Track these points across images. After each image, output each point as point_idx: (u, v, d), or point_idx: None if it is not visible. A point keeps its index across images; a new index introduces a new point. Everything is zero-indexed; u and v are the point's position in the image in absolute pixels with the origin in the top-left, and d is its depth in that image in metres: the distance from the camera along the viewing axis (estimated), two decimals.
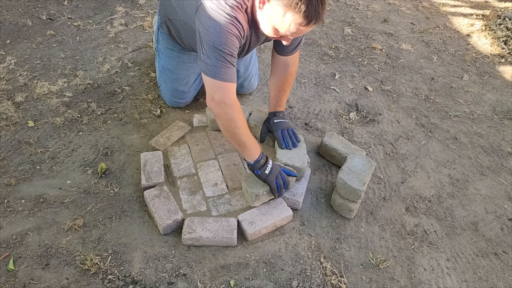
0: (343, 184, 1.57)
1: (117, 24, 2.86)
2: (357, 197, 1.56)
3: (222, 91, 1.45)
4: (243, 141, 1.52)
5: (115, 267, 1.42)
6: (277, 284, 1.40)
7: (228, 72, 1.44)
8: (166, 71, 2.00)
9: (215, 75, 1.43)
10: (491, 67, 2.76)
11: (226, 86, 1.45)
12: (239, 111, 1.49)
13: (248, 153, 1.54)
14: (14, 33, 2.72)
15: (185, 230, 1.49)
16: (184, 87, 2.03)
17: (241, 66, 2.07)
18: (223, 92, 1.45)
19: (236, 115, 1.48)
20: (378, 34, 3.05)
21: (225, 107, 1.46)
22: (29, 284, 1.35)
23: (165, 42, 1.96)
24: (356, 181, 1.56)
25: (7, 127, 1.98)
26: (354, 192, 1.55)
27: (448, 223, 1.68)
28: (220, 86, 1.44)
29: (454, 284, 1.46)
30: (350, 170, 1.61)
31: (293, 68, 1.80)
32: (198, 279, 1.40)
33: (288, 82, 1.81)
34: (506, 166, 1.98)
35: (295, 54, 1.75)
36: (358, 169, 1.61)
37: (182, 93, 2.05)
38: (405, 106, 2.32)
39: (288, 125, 1.81)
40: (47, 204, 1.62)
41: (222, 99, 1.45)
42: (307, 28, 1.34)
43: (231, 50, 1.42)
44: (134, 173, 1.77)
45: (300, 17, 1.28)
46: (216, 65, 1.42)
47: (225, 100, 1.46)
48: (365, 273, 1.47)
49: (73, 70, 2.39)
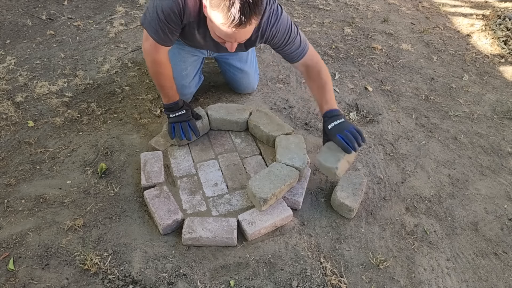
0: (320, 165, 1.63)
1: (117, 24, 2.86)
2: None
3: (150, 46, 1.64)
4: (161, 84, 1.75)
5: (115, 267, 1.42)
6: (277, 284, 1.40)
7: (161, 35, 1.59)
8: None
9: (148, 28, 1.59)
10: (491, 67, 2.76)
11: (154, 44, 1.62)
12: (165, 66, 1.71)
13: (163, 97, 1.78)
14: (14, 33, 2.72)
15: (185, 230, 1.49)
16: (184, 80, 2.01)
17: (236, 60, 2.09)
18: (151, 47, 1.64)
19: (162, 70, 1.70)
20: (378, 34, 3.05)
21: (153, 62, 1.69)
22: (29, 284, 1.35)
23: None
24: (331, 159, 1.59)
25: (7, 127, 1.98)
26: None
27: (448, 223, 1.68)
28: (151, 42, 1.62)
29: (454, 284, 1.46)
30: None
31: (318, 64, 1.72)
32: (198, 279, 1.40)
33: (324, 80, 1.71)
34: (506, 166, 1.98)
35: (305, 57, 1.70)
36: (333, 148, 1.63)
37: (182, 87, 2.02)
38: (405, 106, 2.32)
39: (346, 125, 1.61)
40: (47, 204, 1.62)
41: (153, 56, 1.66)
42: (232, 28, 1.33)
43: (167, 21, 1.54)
44: (134, 173, 1.77)
45: (223, 17, 1.30)
46: (151, 24, 1.57)
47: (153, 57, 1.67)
48: (365, 273, 1.47)
49: (73, 70, 2.39)
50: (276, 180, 1.58)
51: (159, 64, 1.71)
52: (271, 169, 1.64)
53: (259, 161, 1.83)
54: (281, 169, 1.64)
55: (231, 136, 1.96)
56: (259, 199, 1.52)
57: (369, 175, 1.85)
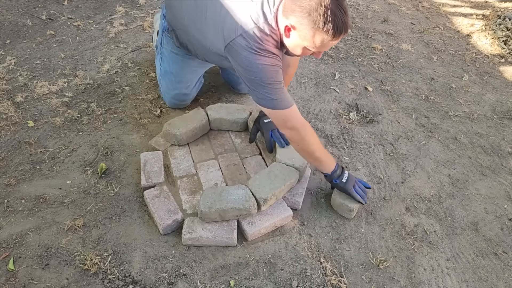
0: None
1: (117, 24, 2.86)
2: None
3: (288, 118, 1.49)
4: (318, 156, 1.57)
5: (115, 267, 1.42)
6: (277, 284, 1.40)
7: (284, 99, 1.47)
8: (169, 75, 1.99)
9: (275, 107, 1.47)
10: (491, 67, 2.76)
11: (289, 112, 1.49)
12: (309, 130, 1.54)
13: (324, 166, 1.61)
14: (14, 33, 2.72)
15: (185, 230, 1.49)
16: (187, 89, 2.02)
17: None
18: (290, 118, 1.50)
19: (308, 135, 1.53)
20: (378, 34, 3.05)
21: (298, 131, 1.51)
22: (29, 284, 1.35)
23: (170, 47, 1.93)
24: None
25: (7, 127, 1.98)
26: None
27: (448, 223, 1.68)
28: (285, 114, 1.49)
29: (454, 284, 1.46)
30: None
31: (291, 70, 1.82)
32: (198, 279, 1.40)
33: (285, 83, 1.80)
34: (506, 166, 1.98)
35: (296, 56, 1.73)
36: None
37: (184, 95, 2.04)
38: (405, 106, 2.32)
39: (352, 180, 1.66)
40: (47, 204, 1.62)
41: (293, 125, 1.50)
42: (339, 40, 1.35)
43: (277, 79, 1.45)
44: (134, 173, 1.76)
45: (330, 35, 1.29)
46: (271, 98, 1.46)
47: (295, 125, 1.50)
48: (365, 273, 1.47)
49: (73, 70, 2.39)
50: (276, 180, 1.58)
51: (308, 131, 1.54)
52: (271, 169, 1.64)
53: (259, 161, 1.83)
54: (281, 169, 1.64)
55: (231, 136, 1.96)
56: (259, 199, 1.52)
57: (369, 175, 1.85)
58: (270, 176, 1.60)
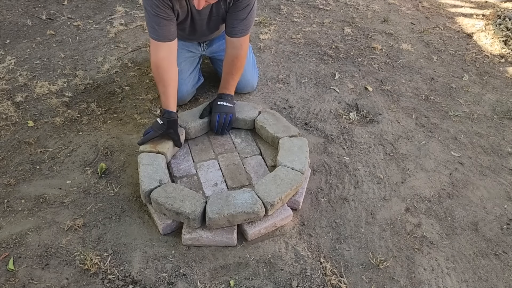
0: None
1: (117, 24, 2.86)
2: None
3: (152, 48, 1.72)
4: (160, 90, 1.78)
5: (115, 267, 1.42)
6: (277, 284, 1.40)
7: (157, 31, 1.66)
8: None
9: (148, 31, 1.69)
10: (491, 67, 2.76)
11: (154, 43, 1.70)
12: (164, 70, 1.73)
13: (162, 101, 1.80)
14: (14, 33, 2.72)
15: (185, 230, 1.49)
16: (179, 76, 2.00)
17: None
18: (152, 49, 1.72)
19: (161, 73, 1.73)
20: (378, 34, 3.05)
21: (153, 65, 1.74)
22: (29, 284, 1.35)
23: None
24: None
25: (7, 127, 1.98)
26: None
27: (448, 223, 1.68)
28: (152, 43, 1.71)
29: (454, 284, 1.46)
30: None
31: (241, 52, 1.88)
32: (198, 279, 1.40)
33: (236, 66, 1.91)
34: (506, 166, 1.98)
35: (243, 37, 1.84)
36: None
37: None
38: (405, 106, 2.32)
39: (229, 110, 1.88)
40: (47, 204, 1.62)
41: (153, 58, 1.73)
42: None
43: (156, 11, 1.61)
44: (134, 173, 1.76)
45: None
46: (148, 24, 1.67)
47: (153, 59, 1.72)
48: (365, 273, 1.47)
49: (73, 70, 2.39)
50: (283, 185, 1.56)
51: (157, 67, 1.73)
52: (277, 173, 1.62)
53: (259, 161, 1.83)
54: (287, 173, 1.62)
55: (231, 136, 1.96)
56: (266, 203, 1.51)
57: (369, 175, 1.85)
58: (276, 180, 1.58)
